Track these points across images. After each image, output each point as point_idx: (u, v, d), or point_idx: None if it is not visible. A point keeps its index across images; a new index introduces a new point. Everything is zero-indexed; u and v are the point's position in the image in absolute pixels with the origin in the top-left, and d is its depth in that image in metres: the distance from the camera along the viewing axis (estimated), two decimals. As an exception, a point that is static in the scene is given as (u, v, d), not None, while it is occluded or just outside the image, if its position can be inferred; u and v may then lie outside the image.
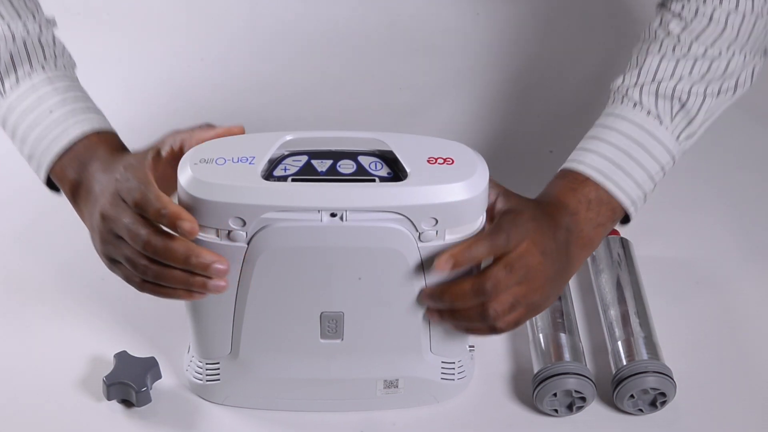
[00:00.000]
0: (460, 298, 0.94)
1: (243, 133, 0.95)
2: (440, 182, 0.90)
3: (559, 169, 1.04)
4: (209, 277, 0.91)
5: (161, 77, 1.47)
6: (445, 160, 0.91)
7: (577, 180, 1.01)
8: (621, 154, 1.01)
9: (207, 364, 1.03)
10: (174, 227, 0.89)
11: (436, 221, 0.91)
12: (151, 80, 1.46)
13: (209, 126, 0.95)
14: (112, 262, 0.97)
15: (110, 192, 0.94)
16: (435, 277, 0.94)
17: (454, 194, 0.90)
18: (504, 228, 0.93)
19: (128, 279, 0.96)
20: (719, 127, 1.44)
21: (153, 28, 1.53)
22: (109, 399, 1.03)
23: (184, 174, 0.90)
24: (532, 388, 1.04)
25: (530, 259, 0.94)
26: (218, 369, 1.02)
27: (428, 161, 0.91)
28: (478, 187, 0.91)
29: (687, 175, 1.36)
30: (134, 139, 1.35)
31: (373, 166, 0.92)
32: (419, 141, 0.94)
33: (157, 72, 1.47)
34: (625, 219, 1.04)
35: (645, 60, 1.04)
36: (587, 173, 1.01)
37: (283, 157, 0.92)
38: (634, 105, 1.03)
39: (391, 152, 0.93)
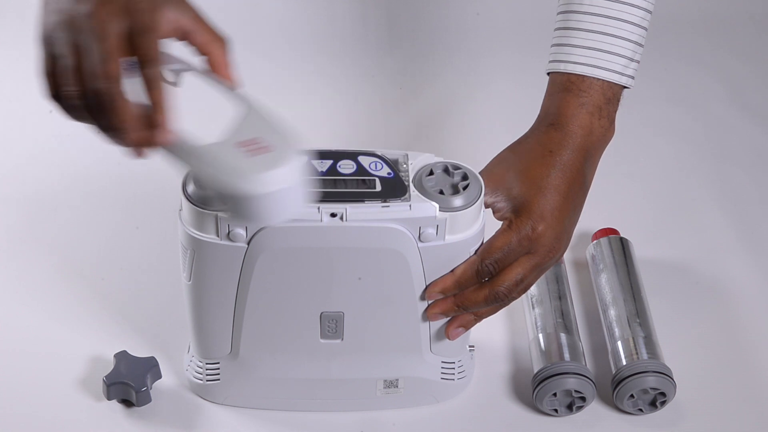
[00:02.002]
0: (470, 284, 0.95)
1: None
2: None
3: (556, 72, 1.01)
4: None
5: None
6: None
7: (581, 89, 0.99)
8: (613, 39, 0.99)
9: (207, 364, 1.03)
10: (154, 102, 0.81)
11: (437, 225, 0.91)
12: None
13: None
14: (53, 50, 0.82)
15: None
16: (438, 270, 0.95)
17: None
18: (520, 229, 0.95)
19: (63, 82, 0.81)
20: (719, 127, 1.45)
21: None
22: (109, 399, 1.03)
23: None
24: (532, 388, 1.04)
25: (544, 239, 0.95)
26: (218, 369, 1.02)
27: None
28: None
29: (687, 175, 1.36)
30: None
31: (373, 166, 0.92)
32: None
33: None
34: None
35: None
36: (595, 75, 0.99)
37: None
38: None
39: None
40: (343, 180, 0.91)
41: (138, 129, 0.81)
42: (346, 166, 0.92)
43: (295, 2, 1.56)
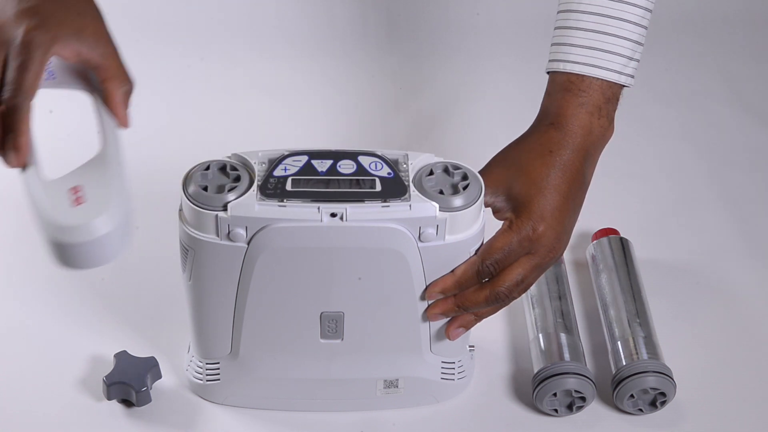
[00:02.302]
0: (470, 284, 0.95)
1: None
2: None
3: (555, 71, 1.01)
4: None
5: (161, 77, 1.47)
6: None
7: (581, 88, 0.99)
8: (612, 38, 0.99)
9: (207, 364, 1.03)
10: (11, 136, 0.89)
11: (437, 225, 0.91)
12: (150, 80, 1.46)
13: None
14: None
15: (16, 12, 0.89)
16: (438, 270, 0.95)
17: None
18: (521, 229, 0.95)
19: None
20: (719, 127, 1.45)
21: (153, 27, 1.53)
22: (109, 399, 1.03)
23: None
24: (532, 388, 1.04)
25: (544, 240, 0.95)
26: (218, 369, 1.02)
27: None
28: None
29: (687, 175, 1.36)
30: (133, 140, 1.35)
31: (373, 166, 0.92)
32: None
33: (157, 72, 1.48)
34: None
35: None
36: (594, 74, 0.99)
37: (283, 158, 0.92)
38: None
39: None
40: (344, 180, 0.91)
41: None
42: (346, 166, 0.92)
43: (295, 2, 1.57)
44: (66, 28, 0.91)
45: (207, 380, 1.03)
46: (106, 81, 0.95)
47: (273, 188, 0.90)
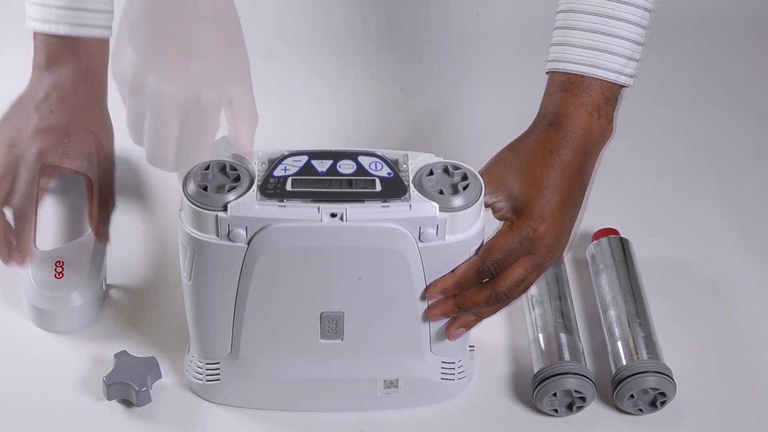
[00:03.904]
0: (471, 284, 0.95)
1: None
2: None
3: (556, 71, 1.01)
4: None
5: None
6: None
7: (581, 88, 0.99)
8: (611, 38, 1.00)
9: (207, 364, 1.03)
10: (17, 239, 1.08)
11: (437, 225, 0.91)
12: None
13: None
14: None
15: (35, 142, 1.08)
16: (438, 270, 0.95)
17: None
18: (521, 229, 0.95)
19: None
20: (719, 127, 1.45)
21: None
22: (109, 399, 1.03)
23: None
24: (532, 388, 1.04)
25: (544, 240, 0.95)
26: (218, 369, 1.02)
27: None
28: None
29: (687, 175, 1.36)
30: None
31: (373, 166, 0.92)
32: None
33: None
34: None
35: None
36: (593, 74, 0.99)
37: (283, 158, 0.92)
38: None
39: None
40: (344, 180, 0.91)
41: (3, 243, 1.08)
42: (346, 166, 0.92)
43: (294, 2, 1.56)
44: (74, 150, 1.10)
45: (207, 380, 1.03)
46: (92, 199, 1.13)
47: (273, 188, 0.90)
